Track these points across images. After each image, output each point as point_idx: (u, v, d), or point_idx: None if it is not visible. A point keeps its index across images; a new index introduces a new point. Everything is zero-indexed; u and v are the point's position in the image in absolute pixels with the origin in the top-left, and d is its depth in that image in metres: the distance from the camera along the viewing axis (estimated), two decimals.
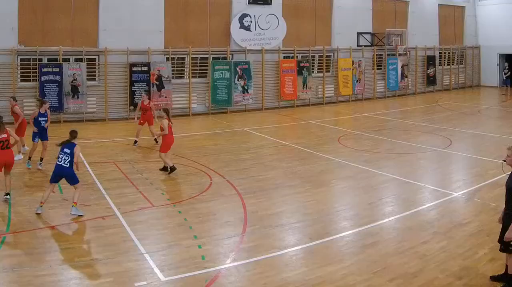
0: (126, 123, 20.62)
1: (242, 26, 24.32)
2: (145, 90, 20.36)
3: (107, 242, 8.56)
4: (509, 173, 7.03)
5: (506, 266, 7.10)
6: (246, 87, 23.99)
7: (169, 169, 12.88)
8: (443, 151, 16.22)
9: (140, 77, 21.22)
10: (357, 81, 28.62)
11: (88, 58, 20.84)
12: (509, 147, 7.06)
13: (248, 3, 24.56)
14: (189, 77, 22.81)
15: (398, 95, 31.01)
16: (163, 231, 9.26)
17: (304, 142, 17.27)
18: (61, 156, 9.69)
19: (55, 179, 9.88)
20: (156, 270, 7.51)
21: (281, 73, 25.41)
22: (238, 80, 23.78)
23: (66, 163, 9.64)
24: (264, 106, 25.02)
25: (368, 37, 29.55)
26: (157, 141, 16.31)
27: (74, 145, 9.78)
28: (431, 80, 32.96)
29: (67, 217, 9.61)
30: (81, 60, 20.47)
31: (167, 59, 22.21)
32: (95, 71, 21.15)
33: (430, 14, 33.46)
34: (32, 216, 9.66)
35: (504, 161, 7.05)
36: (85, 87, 20.36)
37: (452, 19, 35.57)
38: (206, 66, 23.35)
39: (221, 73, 23.36)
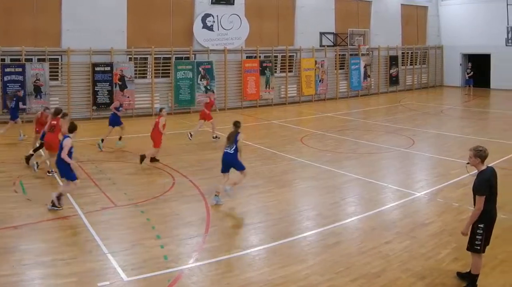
0: (89, 123, 21.78)
1: (205, 26, 25.92)
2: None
3: (70, 242, 9.02)
4: (474, 172, 7.53)
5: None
6: (209, 87, 25.52)
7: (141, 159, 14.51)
8: (406, 150, 17.11)
9: (103, 77, 22.60)
10: (319, 81, 30.55)
11: (51, 58, 22.05)
12: (471, 148, 7.47)
13: (211, 3, 26.17)
14: (151, 77, 24.27)
15: (361, 95, 33.03)
16: (126, 231, 9.72)
17: (267, 143, 18.23)
18: (229, 145, 11.48)
19: (225, 168, 11.61)
20: (119, 270, 7.87)
21: (244, 73, 27.14)
22: (200, 80, 25.33)
23: (231, 150, 11.38)
24: (226, 106, 26.60)
25: (330, 37, 31.58)
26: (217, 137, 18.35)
27: (238, 133, 11.51)
28: (393, 80, 35.20)
29: (30, 217, 10.12)
30: (44, 60, 21.68)
31: (130, 59, 23.61)
32: (57, 71, 22.39)
33: (393, 14, 35.79)
34: None
35: (468, 163, 7.52)
36: (48, 87, 21.60)
37: (415, 19, 38.01)
38: (169, 66, 24.82)
39: (184, 73, 24.91)
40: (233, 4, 26.82)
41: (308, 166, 15.01)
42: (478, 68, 36.66)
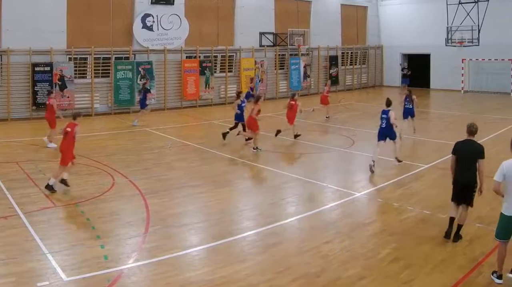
0: (29, 123, 23.42)
1: (145, 26, 28.05)
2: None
3: (9, 242, 9.37)
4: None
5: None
6: (148, 87, 27.40)
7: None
8: (346, 151, 18.16)
9: (43, 77, 24.38)
10: (259, 81, 33.10)
11: None
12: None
13: (151, 3, 28.28)
14: (91, 77, 26.14)
15: (301, 95, 34.75)
16: (66, 231, 10.20)
17: (207, 142, 19.29)
18: (382, 120, 15.24)
19: (381, 137, 15.31)
20: (59, 270, 8.22)
21: (184, 73, 29.44)
22: (140, 80, 27.39)
23: (384, 125, 15.09)
24: (166, 106, 28.78)
25: (270, 37, 34.31)
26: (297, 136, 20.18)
27: (388, 111, 15.21)
28: (333, 80, 37.81)
29: None
30: None
31: (70, 59, 25.42)
32: None
33: (332, 14, 38.93)
34: None
35: None
36: None
37: (354, 19, 41.35)
38: (109, 66, 26.76)
39: (124, 73, 26.99)
40: (173, 4, 28.97)
41: (248, 166, 16.05)
42: (418, 68, 39.71)
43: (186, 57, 29.94)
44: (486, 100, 32.69)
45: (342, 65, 39.46)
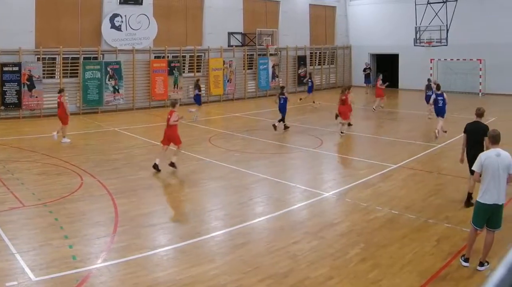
0: None
1: (113, 26, 28.96)
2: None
3: None
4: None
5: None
6: (117, 87, 28.60)
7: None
8: (314, 150, 18.53)
9: (11, 77, 25.13)
10: (228, 81, 34.30)
11: None
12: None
13: (119, 3, 29.18)
14: (60, 77, 26.95)
15: (269, 95, 36.43)
16: (34, 230, 10.33)
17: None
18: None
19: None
20: (27, 270, 8.38)
21: (152, 73, 30.41)
22: (109, 80, 28.35)
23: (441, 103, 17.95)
24: (135, 106, 29.70)
25: (239, 37, 35.48)
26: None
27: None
28: (302, 80, 38.98)
29: None
30: None
31: (38, 59, 26.16)
32: None
33: (301, 14, 40.27)
34: None
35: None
36: None
37: (323, 19, 42.75)
38: (77, 66, 27.60)
39: (92, 73, 27.85)
40: (142, 4, 29.94)
41: (216, 166, 16.28)
42: (386, 68, 40.41)
43: (155, 57, 30.85)
44: (455, 100, 32.59)
45: (310, 65, 40.67)
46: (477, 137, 11.60)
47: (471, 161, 11.33)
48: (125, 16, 29.23)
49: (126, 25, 29.28)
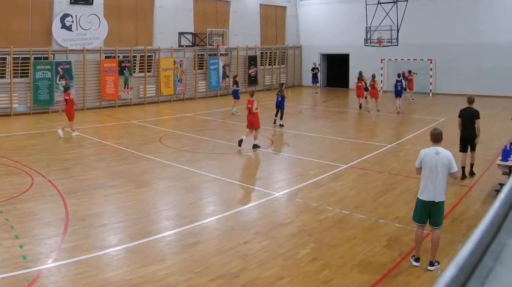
0: None
1: (64, 26, 29.96)
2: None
3: None
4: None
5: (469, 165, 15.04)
6: (67, 86, 29.05)
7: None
8: (265, 151, 19.05)
9: None
10: (178, 81, 35.64)
11: None
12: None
13: (70, 3, 30.14)
14: (10, 77, 27.74)
15: (220, 95, 38.17)
16: None
17: (126, 142, 20.22)
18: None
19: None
20: None
21: (103, 73, 31.52)
22: (59, 80, 29.33)
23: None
24: (85, 106, 30.65)
25: (189, 37, 36.82)
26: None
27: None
28: (252, 80, 41.00)
29: None
30: None
31: None
32: None
33: (251, 14, 41.87)
34: None
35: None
36: None
37: (273, 19, 44.51)
38: (28, 66, 28.48)
39: (43, 73, 28.81)
40: (92, 4, 30.98)
41: (166, 166, 16.64)
42: (337, 68, 42.60)
43: (105, 57, 31.87)
44: (404, 101, 34.08)
45: (261, 65, 42.28)
46: (470, 120, 14.60)
47: (463, 141, 14.85)
48: (76, 16, 30.16)
49: (76, 25, 30.21)
